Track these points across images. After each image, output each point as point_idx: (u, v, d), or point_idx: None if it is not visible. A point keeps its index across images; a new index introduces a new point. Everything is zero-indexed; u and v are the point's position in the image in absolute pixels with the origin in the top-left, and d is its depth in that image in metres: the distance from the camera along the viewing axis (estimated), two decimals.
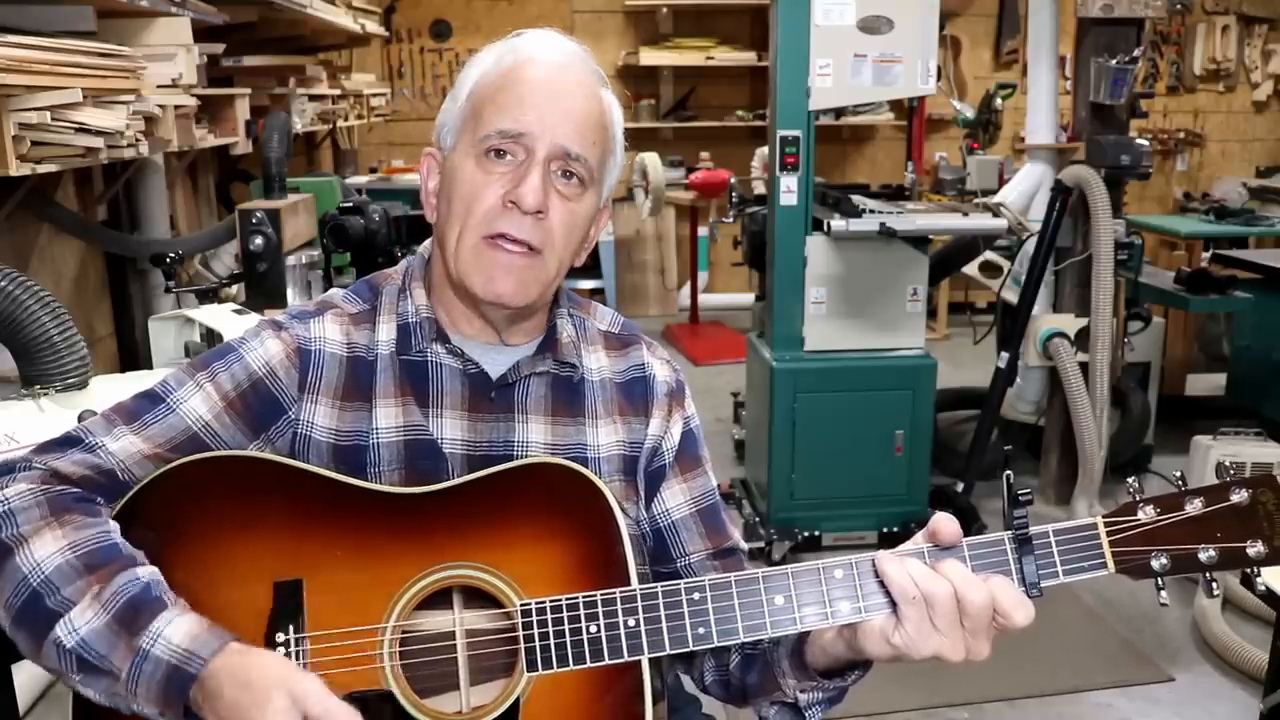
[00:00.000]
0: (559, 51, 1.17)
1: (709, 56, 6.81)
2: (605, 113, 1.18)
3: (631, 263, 7.05)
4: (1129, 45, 3.58)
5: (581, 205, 1.16)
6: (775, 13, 3.31)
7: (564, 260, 1.17)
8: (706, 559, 1.27)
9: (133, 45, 2.64)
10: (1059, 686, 2.78)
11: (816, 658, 1.09)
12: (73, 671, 0.98)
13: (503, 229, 1.12)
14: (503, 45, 1.18)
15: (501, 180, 1.12)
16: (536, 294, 1.16)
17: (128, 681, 0.97)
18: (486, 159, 1.13)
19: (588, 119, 1.14)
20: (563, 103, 1.13)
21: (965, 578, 0.99)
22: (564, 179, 1.14)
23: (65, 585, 0.99)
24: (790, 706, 1.15)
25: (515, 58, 1.15)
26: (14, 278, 2.22)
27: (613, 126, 1.20)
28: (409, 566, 1.08)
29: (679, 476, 1.28)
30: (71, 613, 0.98)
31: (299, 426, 1.16)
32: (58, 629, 0.98)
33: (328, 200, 3.67)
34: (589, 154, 1.14)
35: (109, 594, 0.99)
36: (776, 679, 1.14)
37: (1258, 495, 0.99)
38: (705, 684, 1.28)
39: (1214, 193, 6.62)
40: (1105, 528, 1.01)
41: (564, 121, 1.12)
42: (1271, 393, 4.19)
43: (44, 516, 1.02)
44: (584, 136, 1.14)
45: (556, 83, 1.14)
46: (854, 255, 3.43)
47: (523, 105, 1.12)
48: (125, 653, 0.97)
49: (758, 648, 1.18)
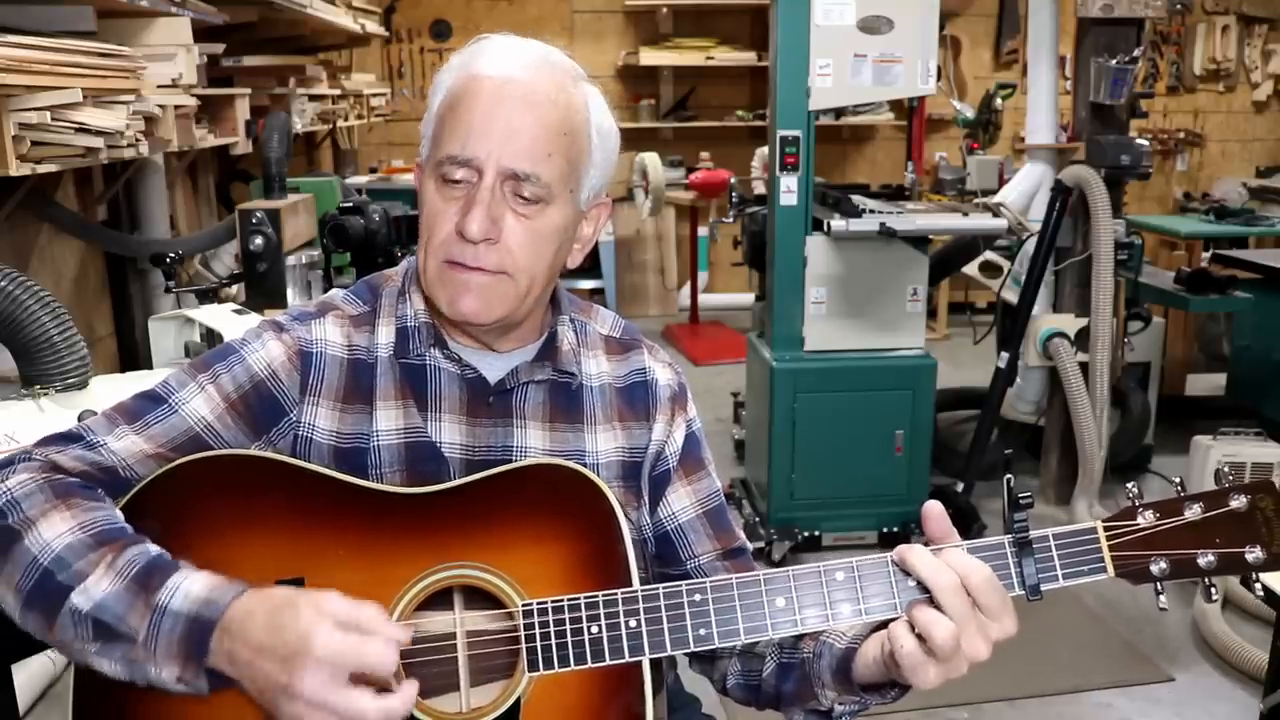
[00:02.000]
0: (511, 64, 1.12)
1: (709, 56, 6.81)
2: (569, 117, 1.12)
3: (631, 263, 7.05)
4: (1129, 45, 3.58)
5: (544, 221, 1.12)
6: (775, 13, 3.31)
7: (535, 275, 1.14)
8: (715, 560, 1.27)
9: (133, 45, 2.64)
10: (1059, 686, 2.78)
11: (860, 673, 1.08)
12: (89, 640, 0.98)
13: (456, 257, 1.11)
14: (459, 58, 1.15)
15: (455, 207, 1.11)
16: (504, 311, 1.14)
17: (146, 641, 0.96)
18: (443, 184, 1.12)
19: (539, 133, 1.10)
20: (509, 122, 1.09)
21: (966, 561, 1.00)
22: (519, 199, 1.11)
23: (77, 560, 0.99)
24: (820, 713, 1.15)
25: (465, 75, 1.12)
26: (14, 278, 2.23)
27: (584, 126, 1.15)
28: (410, 566, 1.08)
29: (683, 479, 1.28)
30: (86, 581, 0.98)
31: (300, 429, 1.16)
32: (73, 597, 0.97)
33: (328, 200, 3.67)
34: (543, 170, 1.10)
35: (123, 562, 0.99)
36: (814, 689, 1.13)
37: (1256, 501, 1.00)
38: (726, 686, 1.27)
39: (1214, 193, 6.62)
40: (1105, 532, 1.02)
41: (509, 143, 1.09)
42: (1271, 393, 4.19)
43: (49, 500, 1.02)
44: (535, 153, 1.09)
45: (502, 103, 1.10)
46: (854, 255, 3.43)
47: (469, 130, 1.09)
48: (143, 611, 0.97)
49: (796, 656, 1.17)
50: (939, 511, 1.03)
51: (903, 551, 1.02)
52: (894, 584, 1.03)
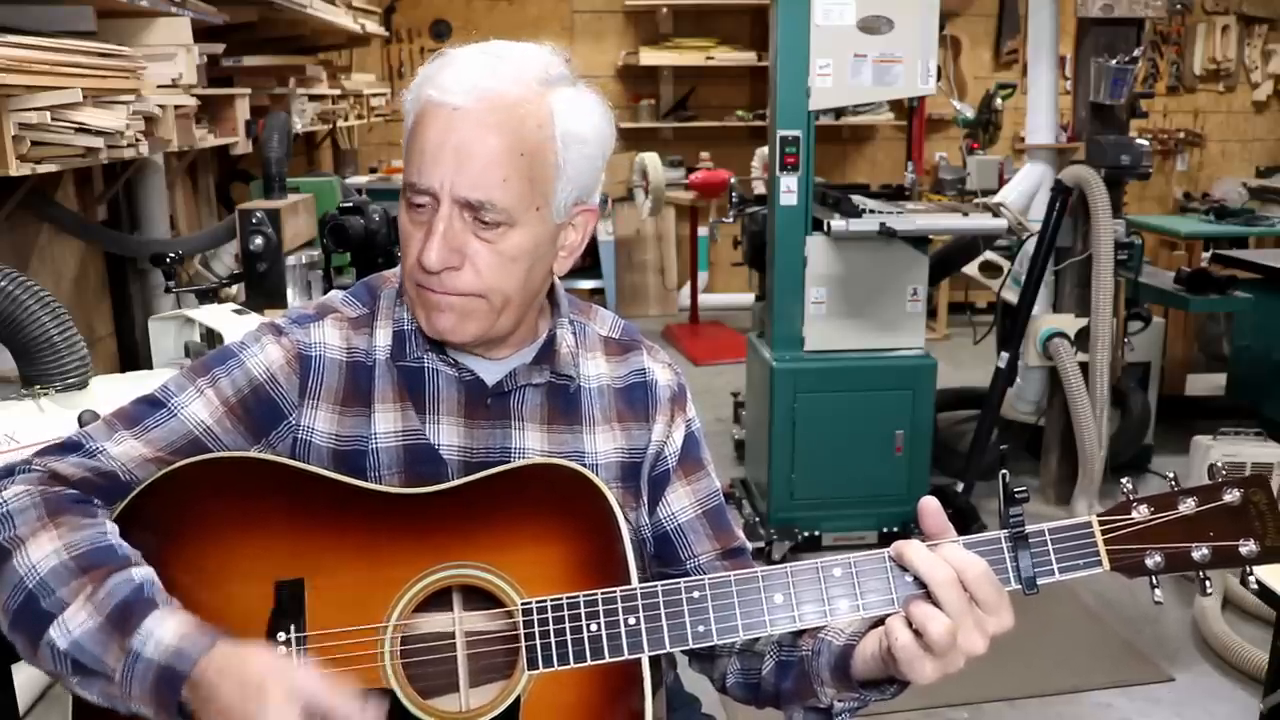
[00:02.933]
0: (463, 88, 1.07)
1: (709, 56, 6.81)
2: (522, 138, 1.07)
3: (631, 263, 7.05)
4: (1129, 45, 3.58)
5: (509, 243, 1.10)
6: (775, 13, 3.31)
7: (509, 293, 1.12)
8: (715, 560, 1.27)
9: (133, 45, 2.64)
10: (1059, 686, 2.78)
11: (859, 669, 1.08)
12: (68, 674, 0.99)
13: (423, 283, 1.11)
14: (421, 75, 1.12)
15: (419, 234, 1.10)
16: (480, 329, 1.13)
17: (121, 683, 0.98)
18: (411, 208, 1.11)
19: (491, 160, 1.06)
20: (459, 152, 1.06)
21: (963, 556, 1.01)
22: (480, 225, 1.09)
23: (60, 586, 1.00)
24: (820, 710, 1.15)
25: (422, 100, 1.10)
26: (14, 278, 2.23)
27: (546, 140, 1.09)
28: (410, 566, 1.08)
29: (683, 480, 1.28)
30: (65, 614, 0.99)
31: (299, 432, 1.16)
32: (51, 631, 0.98)
33: (328, 200, 3.67)
34: (498, 195, 1.07)
35: (102, 595, 1.00)
36: (813, 687, 1.13)
37: (1250, 495, 1.01)
38: (725, 684, 1.27)
39: (1214, 193, 6.62)
40: (1100, 526, 1.02)
41: (460, 172, 1.06)
42: (1271, 393, 4.19)
43: (40, 518, 1.02)
44: (486, 181, 1.06)
45: (453, 131, 1.06)
46: (854, 255, 3.44)
47: (423, 159, 1.08)
48: (118, 654, 0.98)
49: (795, 654, 1.17)
50: (935, 507, 1.04)
51: (900, 546, 1.02)
52: (891, 580, 1.03)
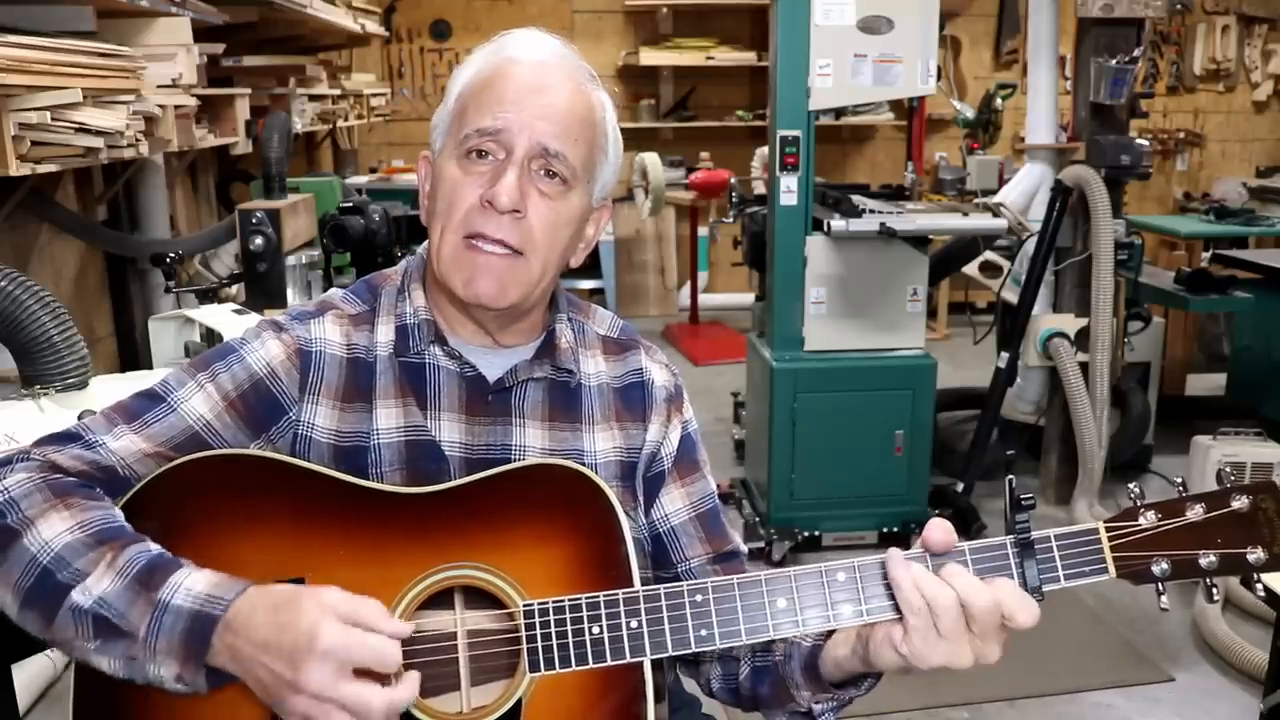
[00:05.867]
0: (543, 50, 1.16)
1: (709, 56, 6.81)
2: (592, 110, 1.16)
3: (631, 263, 7.05)
4: (1129, 45, 3.59)
5: (565, 204, 1.14)
6: (775, 13, 3.31)
7: (549, 261, 1.15)
8: (707, 563, 1.27)
9: (133, 45, 2.64)
10: (1059, 686, 2.78)
11: (830, 672, 1.09)
12: (89, 638, 0.98)
13: (479, 228, 1.11)
14: (489, 46, 1.18)
15: (480, 180, 1.12)
16: (518, 295, 1.15)
17: (147, 638, 0.96)
18: (468, 160, 1.13)
19: (569, 115, 1.13)
20: (542, 99, 1.12)
21: (969, 583, 0.99)
22: (546, 178, 1.12)
23: (76, 559, 0.99)
24: (801, 713, 1.15)
25: (498, 58, 1.15)
26: (14, 278, 2.22)
27: (602, 124, 1.18)
28: (411, 566, 1.08)
29: (678, 481, 1.28)
30: (87, 580, 0.98)
31: (300, 428, 1.16)
32: (73, 594, 0.97)
33: (328, 200, 3.67)
34: (570, 151, 1.12)
35: (123, 561, 0.99)
36: (790, 690, 1.14)
37: (1258, 501, 1.00)
38: (712, 690, 1.27)
39: (1214, 193, 6.62)
40: (1107, 533, 1.01)
41: (542, 118, 1.11)
42: (1271, 393, 4.19)
43: (47, 500, 1.02)
44: (565, 133, 1.12)
45: (537, 80, 1.13)
46: (854, 255, 3.43)
47: (502, 103, 1.11)
48: (144, 608, 0.97)
49: (769, 660, 1.18)
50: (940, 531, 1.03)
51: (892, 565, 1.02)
52: None
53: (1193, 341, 5.17)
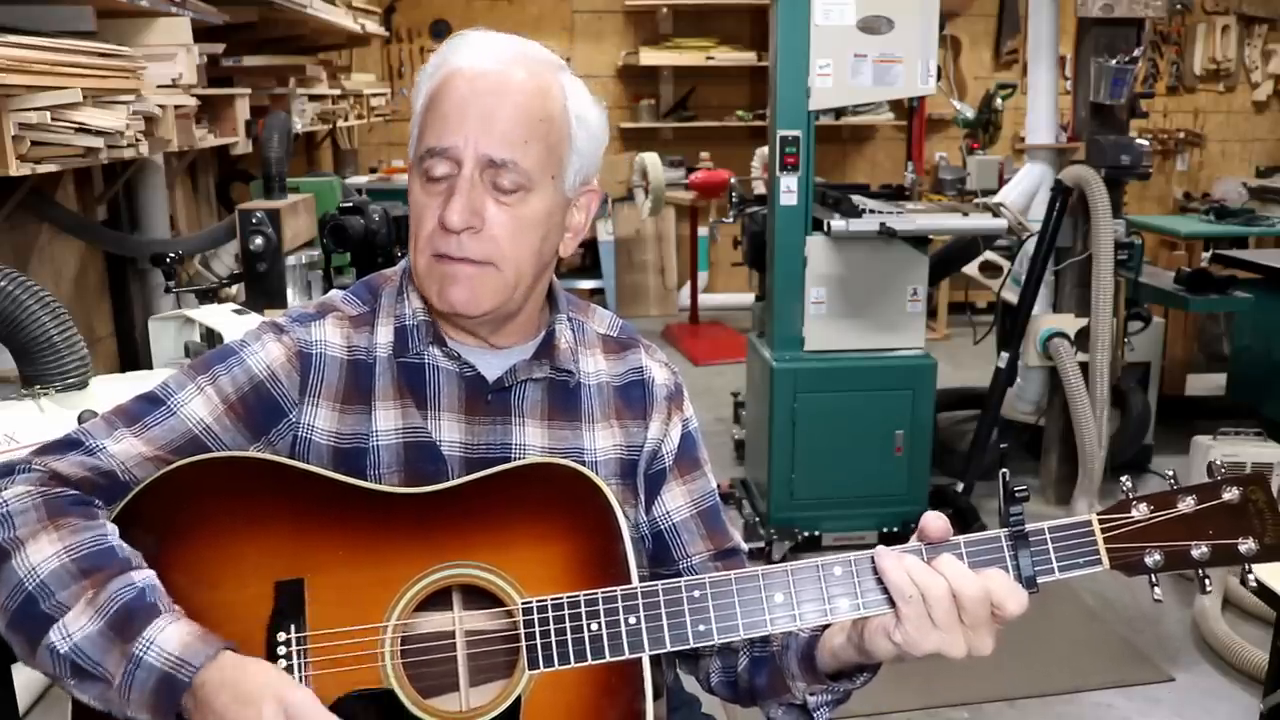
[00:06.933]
0: (487, 57, 1.13)
1: (709, 56, 6.81)
2: (543, 104, 1.13)
3: (631, 263, 7.05)
4: (1129, 45, 3.59)
5: (527, 208, 1.13)
6: (775, 13, 3.31)
7: (522, 265, 1.14)
8: (708, 560, 1.27)
9: (133, 45, 2.65)
10: (1059, 686, 2.78)
11: (826, 663, 1.10)
12: (67, 677, 0.99)
13: (442, 249, 1.12)
14: (436, 58, 1.17)
15: (438, 201, 1.12)
16: (493, 303, 1.15)
17: (121, 688, 0.98)
18: (426, 180, 1.13)
19: (515, 121, 1.11)
20: (484, 111, 1.10)
21: (960, 572, 1.00)
22: (499, 189, 1.12)
23: (60, 590, 0.99)
24: (798, 707, 1.16)
25: (444, 72, 1.14)
26: (14, 278, 2.23)
27: (563, 114, 1.15)
28: (410, 566, 1.08)
29: (679, 479, 1.28)
30: (66, 618, 0.99)
31: (299, 430, 1.16)
32: (52, 634, 0.98)
33: (328, 200, 3.67)
34: (521, 156, 1.11)
35: (104, 599, 0.99)
36: (786, 681, 1.15)
37: (1249, 493, 1.01)
38: (711, 684, 1.28)
39: (1214, 193, 6.62)
40: (1100, 524, 1.03)
41: (486, 130, 1.10)
42: (1271, 393, 4.19)
43: (40, 520, 1.02)
44: (512, 140, 1.10)
45: (478, 93, 1.11)
46: (854, 255, 3.44)
47: (446, 122, 1.11)
48: (119, 659, 0.98)
49: (766, 650, 1.19)
50: (938, 518, 1.04)
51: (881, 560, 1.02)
52: None
53: (1193, 341, 5.17)
